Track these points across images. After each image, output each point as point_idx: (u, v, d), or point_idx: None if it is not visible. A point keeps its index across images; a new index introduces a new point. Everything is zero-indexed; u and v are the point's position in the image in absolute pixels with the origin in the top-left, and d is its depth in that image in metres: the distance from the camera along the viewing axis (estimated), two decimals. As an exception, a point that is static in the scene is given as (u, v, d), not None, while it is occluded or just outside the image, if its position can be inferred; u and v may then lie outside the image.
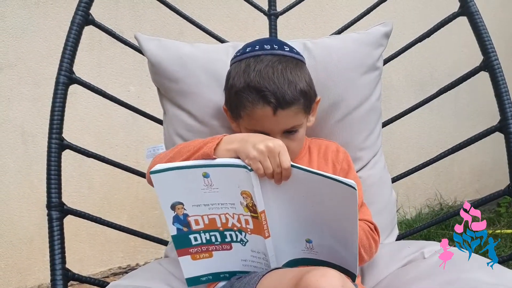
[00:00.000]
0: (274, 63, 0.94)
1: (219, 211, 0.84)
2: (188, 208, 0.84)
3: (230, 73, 1.01)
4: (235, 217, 0.84)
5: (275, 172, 0.81)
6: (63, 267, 1.03)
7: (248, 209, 0.82)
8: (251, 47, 1.00)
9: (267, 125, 0.95)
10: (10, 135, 1.75)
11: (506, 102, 1.11)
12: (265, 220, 0.82)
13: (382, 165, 1.25)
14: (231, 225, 0.85)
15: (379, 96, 1.24)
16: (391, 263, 1.05)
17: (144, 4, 1.87)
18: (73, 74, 1.13)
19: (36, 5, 1.73)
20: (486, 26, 1.15)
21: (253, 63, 0.95)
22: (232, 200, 0.82)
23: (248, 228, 0.84)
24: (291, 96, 0.92)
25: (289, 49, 0.99)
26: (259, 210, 0.81)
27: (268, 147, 0.81)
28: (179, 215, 0.84)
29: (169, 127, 1.21)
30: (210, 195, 0.82)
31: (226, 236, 0.86)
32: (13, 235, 1.79)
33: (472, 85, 1.37)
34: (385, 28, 1.23)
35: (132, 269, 1.83)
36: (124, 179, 1.87)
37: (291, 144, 0.97)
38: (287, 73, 0.94)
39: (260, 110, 0.93)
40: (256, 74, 0.93)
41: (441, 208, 2.51)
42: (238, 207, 0.83)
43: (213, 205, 0.83)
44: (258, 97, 0.92)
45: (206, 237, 0.86)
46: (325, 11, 2.20)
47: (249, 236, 0.85)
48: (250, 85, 0.93)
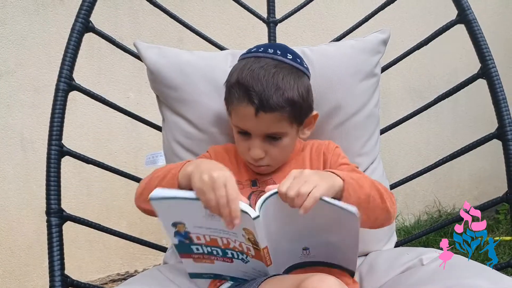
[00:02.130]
0: (269, 66, 0.95)
1: (221, 235, 0.82)
2: (190, 228, 0.82)
3: (231, 69, 1.02)
4: (237, 243, 0.82)
5: (221, 205, 0.75)
6: (62, 273, 1.03)
7: (250, 241, 0.80)
8: (256, 48, 1.01)
9: (248, 124, 0.95)
10: (10, 141, 1.75)
11: (504, 109, 1.12)
12: (268, 254, 0.80)
13: (380, 172, 1.25)
14: (233, 247, 0.83)
15: (377, 102, 1.25)
16: (389, 269, 1.05)
17: (144, 11, 1.88)
18: (73, 81, 1.13)
19: (36, 12, 1.74)
20: (483, 34, 1.15)
21: (251, 62, 0.96)
22: (234, 230, 0.79)
23: (250, 253, 0.83)
24: (275, 102, 0.91)
25: (291, 57, 0.99)
26: (261, 247, 0.79)
27: (212, 178, 0.76)
28: (180, 231, 0.82)
29: (168, 134, 1.21)
30: (212, 222, 0.80)
31: (228, 253, 0.85)
32: (12, 241, 1.79)
33: (470, 92, 1.38)
34: (382, 35, 1.24)
35: (131, 276, 1.82)
36: (123, 185, 1.87)
37: (272, 150, 0.97)
38: (278, 79, 0.93)
39: (244, 108, 0.93)
40: (249, 72, 0.94)
41: (439, 215, 2.52)
42: (239, 237, 0.81)
43: (215, 229, 0.81)
44: (244, 95, 0.93)
45: (208, 250, 0.85)
46: (323, 19, 2.21)
47: (251, 259, 0.84)
48: (240, 82, 0.94)
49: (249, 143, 0.97)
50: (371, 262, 1.10)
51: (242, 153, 1.01)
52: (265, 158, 0.98)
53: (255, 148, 0.96)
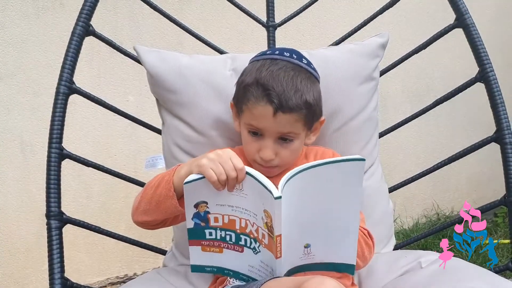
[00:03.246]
0: (287, 68, 0.97)
1: (241, 215, 0.83)
2: (211, 207, 0.84)
3: (245, 70, 1.03)
4: (254, 226, 0.83)
5: (230, 177, 0.80)
6: (62, 276, 1.03)
7: (267, 227, 0.81)
8: (271, 51, 1.03)
9: (264, 124, 0.96)
10: (9, 144, 1.75)
11: (502, 113, 1.13)
12: (279, 244, 0.81)
13: (379, 175, 1.26)
14: (249, 231, 0.84)
15: (376, 106, 1.25)
16: (388, 272, 1.06)
17: (144, 15, 1.88)
18: (73, 84, 1.13)
19: (36, 15, 1.74)
20: (481, 38, 1.16)
21: (268, 64, 0.98)
22: (256, 211, 0.82)
23: (263, 241, 0.84)
24: (294, 103, 0.93)
25: (306, 62, 1.01)
26: (275, 234, 0.80)
27: (218, 154, 0.83)
28: (200, 212, 0.84)
29: (167, 138, 1.22)
30: (237, 198, 0.82)
31: (241, 239, 0.86)
32: (11, 244, 1.79)
33: (469, 96, 1.38)
34: (381, 39, 1.25)
35: (130, 279, 1.83)
36: (123, 188, 1.87)
37: (283, 152, 0.98)
38: (297, 81, 0.95)
39: (262, 107, 0.94)
40: (268, 73, 0.95)
41: (438, 218, 2.52)
42: (259, 220, 0.82)
43: (237, 208, 0.83)
44: (263, 94, 0.94)
45: (221, 234, 0.86)
46: (322, 23, 2.22)
47: (262, 249, 0.85)
48: (259, 81, 0.95)
49: (259, 144, 0.98)
50: (370, 265, 1.10)
51: (251, 154, 1.01)
52: (275, 159, 0.99)
53: (267, 149, 0.97)
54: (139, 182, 1.29)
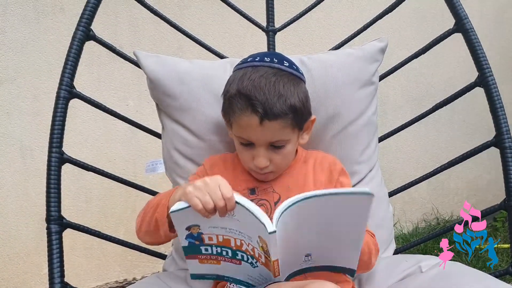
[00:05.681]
0: (269, 74, 0.95)
1: (236, 236, 0.82)
2: (204, 229, 0.82)
3: (228, 80, 1.02)
4: (250, 246, 0.82)
5: (218, 207, 0.78)
6: (61, 280, 1.03)
7: (263, 250, 0.80)
8: (252, 58, 1.01)
9: (252, 134, 0.95)
10: (9, 148, 1.75)
11: (501, 117, 1.13)
12: (277, 266, 0.80)
13: (378, 180, 1.26)
14: (245, 249, 0.83)
15: (375, 110, 1.25)
16: (388, 277, 1.05)
17: (143, 19, 1.89)
18: (73, 89, 1.14)
19: (36, 20, 1.74)
20: (480, 43, 1.16)
21: (250, 72, 0.96)
22: (250, 234, 0.80)
23: (261, 260, 0.82)
24: (279, 109, 0.92)
25: (288, 65, 1.00)
26: (272, 259, 0.79)
27: (205, 182, 0.80)
28: (193, 233, 0.83)
29: (167, 142, 1.22)
30: (229, 221, 0.80)
31: (238, 254, 0.84)
32: (10, 249, 1.79)
33: (468, 100, 1.39)
34: (380, 43, 1.25)
35: (129, 284, 1.82)
36: (122, 192, 1.87)
37: (276, 158, 0.98)
38: (280, 86, 0.94)
39: (247, 118, 0.93)
40: (249, 82, 0.94)
41: (437, 222, 2.52)
42: (254, 242, 0.80)
43: (230, 230, 0.81)
44: (247, 105, 0.93)
45: (217, 250, 0.85)
46: (322, 28, 2.23)
47: (260, 265, 0.84)
48: (241, 92, 0.94)
49: (252, 153, 0.98)
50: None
51: (246, 163, 1.01)
52: (269, 165, 0.98)
53: (260, 158, 0.97)
54: (139, 186, 1.29)
